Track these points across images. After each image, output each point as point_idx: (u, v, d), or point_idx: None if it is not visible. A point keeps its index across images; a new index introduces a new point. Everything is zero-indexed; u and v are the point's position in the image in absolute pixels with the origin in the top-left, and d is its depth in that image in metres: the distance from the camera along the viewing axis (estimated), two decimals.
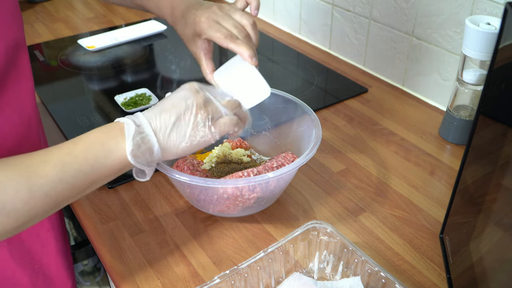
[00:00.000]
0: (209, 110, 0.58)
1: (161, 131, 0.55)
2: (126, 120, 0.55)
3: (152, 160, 0.55)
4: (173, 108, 0.56)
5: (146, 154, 0.54)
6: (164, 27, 1.31)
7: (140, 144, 0.53)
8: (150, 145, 0.54)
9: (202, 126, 0.57)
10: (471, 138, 0.57)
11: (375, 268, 0.57)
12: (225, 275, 0.56)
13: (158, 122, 0.55)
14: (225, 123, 0.59)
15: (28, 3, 1.52)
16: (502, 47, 0.49)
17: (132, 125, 0.54)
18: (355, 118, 0.96)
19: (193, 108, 0.57)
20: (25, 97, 0.63)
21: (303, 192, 0.77)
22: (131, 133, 0.53)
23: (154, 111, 0.56)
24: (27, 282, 0.67)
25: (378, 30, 1.07)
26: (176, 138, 0.56)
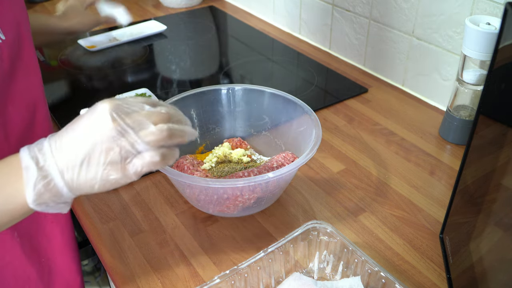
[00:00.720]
0: (124, 147, 0.46)
1: (68, 172, 0.46)
2: (26, 162, 0.46)
3: (64, 201, 0.48)
4: (81, 142, 0.46)
5: (53, 199, 0.47)
6: (164, 27, 1.31)
7: (43, 192, 0.46)
8: (57, 190, 0.46)
9: (115, 169, 0.47)
10: (471, 138, 0.57)
11: (375, 268, 0.57)
12: (225, 275, 0.56)
13: (64, 159, 0.46)
14: (142, 164, 0.47)
15: (28, 3, 1.52)
16: (502, 47, 0.49)
17: (32, 170, 0.45)
18: (355, 118, 0.96)
19: (103, 146, 0.46)
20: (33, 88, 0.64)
21: (303, 192, 0.77)
22: (32, 181, 0.45)
23: (62, 143, 0.47)
24: (35, 276, 0.68)
25: (378, 30, 1.07)
26: (86, 179, 0.47)
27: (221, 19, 1.45)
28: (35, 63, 0.65)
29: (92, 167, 0.46)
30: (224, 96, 0.82)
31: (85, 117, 0.47)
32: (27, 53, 0.62)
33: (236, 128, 0.85)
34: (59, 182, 0.46)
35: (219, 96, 0.82)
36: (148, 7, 1.51)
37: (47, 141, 0.47)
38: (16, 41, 0.59)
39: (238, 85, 0.82)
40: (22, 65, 0.61)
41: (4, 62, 0.57)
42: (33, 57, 0.64)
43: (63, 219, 0.73)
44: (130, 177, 0.48)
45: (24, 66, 0.61)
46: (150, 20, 1.36)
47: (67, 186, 0.46)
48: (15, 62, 0.59)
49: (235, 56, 1.23)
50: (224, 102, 0.83)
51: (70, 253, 0.74)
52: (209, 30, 1.37)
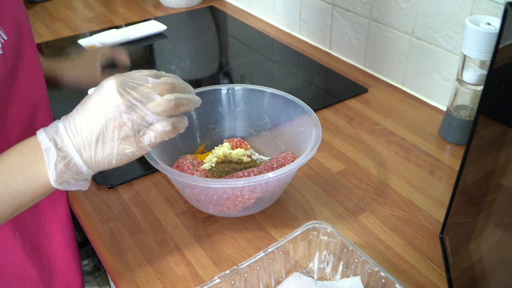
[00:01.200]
0: (135, 120, 0.48)
1: (85, 150, 0.48)
2: (46, 144, 0.48)
3: (84, 178, 0.50)
4: (94, 122, 0.48)
5: (75, 177, 0.49)
6: (164, 27, 1.31)
7: (64, 171, 0.48)
8: (77, 168, 0.48)
9: (130, 142, 0.49)
10: (471, 138, 0.57)
11: (375, 268, 0.57)
12: (225, 275, 0.56)
13: (80, 139, 0.48)
14: (156, 135, 0.50)
15: (28, 3, 1.52)
16: (502, 47, 0.49)
17: (52, 151, 0.47)
18: (355, 118, 0.96)
19: (116, 121, 0.48)
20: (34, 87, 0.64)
21: (303, 192, 0.77)
22: (53, 161, 0.47)
23: (75, 123, 0.48)
24: (36, 276, 0.68)
25: (378, 30, 1.07)
26: (103, 155, 0.49)
27: (221, 19, 1.45)
28: (37, 63, 0.65)
29: (108, 144, 0.48)
30: (224, 96, 0.82)
31: (93, 96, 0.49)
32: (28, 53, 0.62)
33: (236, 128, 0.85)
34: (78, 161, 0.48)
35: (219, 96, 0.82)
36: (148, 7, 1.51)
37: (61, 123, 0.49)
38: (17, 41, 0.59)
39: (238, 85, 0.82)
40: (23, 66, 0.61)
41: (7, 63, 0.57)
42: (34, 57, 0.64)
43: (63, 219, 0.73)
44: (145, 148, 0.50)
45: (25, 67, 0.61)
46: (150, 20, 1.36)
47: (86, 164, 0.49)
48: (17, 62, 0.59)
49: (235, 56, 1.23)
50: (224, 102, 0.83)
51: (71, 253, 0.75)
52: (209, 30, 1.37)
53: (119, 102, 0.48)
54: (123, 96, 0.48)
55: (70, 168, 0.48)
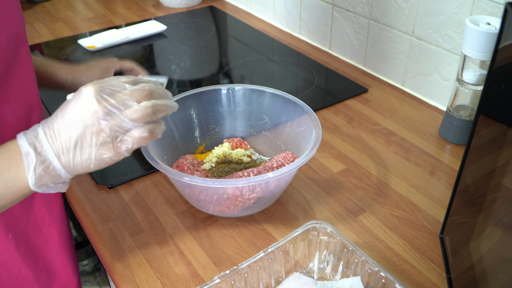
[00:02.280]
0: (112, 128, 0.49)
1: (64, 155, 0.49)
2: (25, 148, 0.49)
3: (62, 181, 0.51)
4: (71, 128, 0.49)
5: (53, 180, 0.50)
6: (164, 27, 1.31)
7: (43, 175, 0.49)
8: (55, 172, 0.50)
9: (108, 148, 0.50)
10: (471, 138, 0.57)
11: (375, 268, 0.57)
12: (225, 275, 0.56)
13: (59, 144, 0.49)
14: (133, 141, 0.51)
15: (28, 3, 1.52)
16: (502, 47, 0.49)
17: (32, 155, 0.48)
18: (355, 118, 0.96)
19: (93, 127, 0.49)
20: (28, 89, 0.64)
21: (303, 192, 0.77)
22: (32, 165, 0.48)
23: (54, 128, 0.49)
24: (32, 278, 0.68)
25: (378, 30, 1.07)
26: (81, 160, 0.50)
27: (221, 19, 1.45)
28: (30, 65, 0.64)
29: (86, 149, 0.49)
30: (224, 96, 0.82)
31: (72, 102, 0.50)
32: (23, 55, 0.62)
33: (236, 128, 0.85)
34: (57, 165, 0.49)
35: (219, 96, 0.82)
36: (148, 7, 1.51)
37: (41, 128, 0.50)
38: (11, 43, 0.58)
39: (238, 85, 0.82)
40: (18, 67, 0.61)
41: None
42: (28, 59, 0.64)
43: (60, 220, 0.73)
44: (122, 154, 0.51)
45: (19, 68, 0.61)
46: (150, 20, 1.36)
47: (64, 168, 0.50)
48: (11, 64, 0.59)
49: (235, 56, 1.23)
50: (224, 102, 0.83)
51: (67, 255, 0.74)
52: (209, 30, 1.37)
53: (97, 109, 0.49)
54: (100, 103, 0.49)
55: (49, 172, 0.49)
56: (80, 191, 0.77)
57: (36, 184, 0.49)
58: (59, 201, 0.73)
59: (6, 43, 0.57)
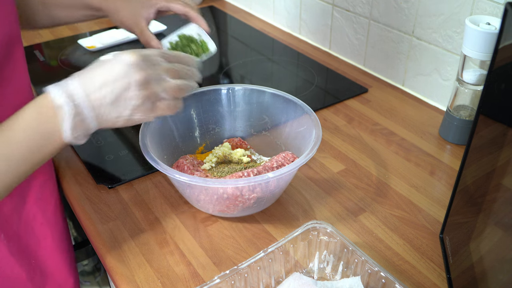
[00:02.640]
0: (149, 93, 0.56)
1: (100, 109, 0.54)
2: (62, 100, 0.52)
3: (89, 133, 0.56)
4: (113, 84, 0.54)
5: (84, 131, 0.54)
6: (164, 27, 1.31)
7: (77, 126, 0.53)
8: (88, 124, 0.54)
9: (140, 109, 0.56)
10: (471, 138, 0.57)
11: (375, 268, 0.57)
12: (225, 275, 0.56)
13: (97, 97, 0.53)
14: (163, 109, 0.59)
15: None
16: (502, 47, 0.49)
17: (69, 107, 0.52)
18: (355, 118, 0.96)
19: (135, 90, 0.55)
20: (21, 92, 0.63)
21: (303, 192, 0.77)
22: (70, 116, 0.52)
23: (93, 83, 0.54)
24: (25, 278, 0.67)
25: (378, 30, 1.07)
26: (113, 115, 0.55)
27: (221, 19, 1.45)
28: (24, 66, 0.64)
29: (120, 107, 0.55)
30: (224, 96, 0.82)
31: (113, 63, 0.55)
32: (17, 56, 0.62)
33: (236, 128, 0.85)
34: (92, 119, 0.54)
35: (219, 96, 0.82)
36: None
37: (77, 81, 0.53)
38: (3, 44, 0.58)
39: (238, 85, 0.82)
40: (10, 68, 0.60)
41: None
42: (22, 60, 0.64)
43: (53, 220, 0.72)
44: (150, 118, 0.58)
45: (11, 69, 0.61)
46: None
47: (96, 121, 0.54)
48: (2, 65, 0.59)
49: (235, 56, 1.23)
50: (224, 102, 0.83)
51: (62, 255, 0.74)
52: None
53: (139, 75, 0.55)
54: (142, 70, 0.55)
55: (82, 124, 0.53)
56: (80, 191, 0.77)
57: (72, 135, 0.53)
58: (53, 201, 0.73)
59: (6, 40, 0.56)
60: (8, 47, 0.59)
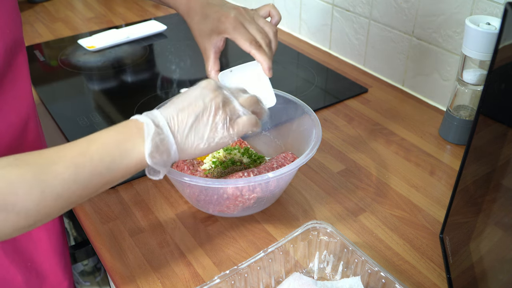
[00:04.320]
0: (228, 110, 0.55)
1: (179, 132, 0.53)
2: (145, 120, 0.52)
3: (169, 160, 0.54)
4: (190, 108, 0.54)
5: (164, 156, 0.52)
6: (164, 27, 1.31)
7: (158, 146, 0.52)
8: (168, 146, 0.52)
9: (221, 128, 0.55)
10: (471, 138, 0.57)
11: (375, 268, 0.57)
12: (225, 275, 0.56)
13: (176, 122, 0.53)
14: (243, 124, 0.57)
15: (28, 3, 1.52)
16: (502, 47, 0.49)
17: (152, 125, 0.52)
18: (355, 118, 0.96)
19: (212, 109, 0.54)
20: (22, 97, 0.63)
21: (303, 192, 0.77)
22: (151, 134, 0.51)
23: (171, 110, 0.54)
24: (21, 280, 0.67)
25: (378, 30, 1.07)
26: (194, 139, 0.54)
27: None
28: (26, 72, 0.64)
29: (200, 129, 0.54)
30: None
31: (190, 91, 0.56)
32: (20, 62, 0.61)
33: None
34: (171, 140, 0.53)
35: None
36: (148, 7, 1.51)
37: (157, 110, 0.54)
38: (8, 51, 0.58)
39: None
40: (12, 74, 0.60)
41: None
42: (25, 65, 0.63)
43: (49, 223, 0.72)
44: (232, 136, 0.56)
45: (14, 76, 0.60)
46: (150, 20, 1.36)
47: (176, 145, 0.53)
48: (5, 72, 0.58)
49: (235, 56, 1.23)
50: None
51: (58, 258, 0.73)
52: None
53: (216, 94, 0.55)
54: (218, 90, 0.56)
55: (164, 144, 0.52)
56: None
57: (151, 154, 0.51)
58: None
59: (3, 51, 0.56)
60: (12, 54, 0.59)
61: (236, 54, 1.24)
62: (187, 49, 1.26)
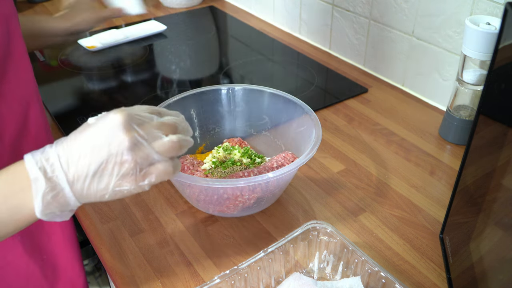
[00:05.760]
0: (138, 158, 0.46)
1: (79, 182, 0.45)
2: (34, 174, 0.45)
3: (69, 209, 0.48)
4: (94, 153, 0.45)
5: (61, 208, 0.47)
6: (164, 27, 1.31)
7: (51, 203, 0.45)
8: (65, 200, 0.46)
9: (128, 180, 0.47)
10: (471, 138, 0.57)
11: (375, 268, 0.57)
12: (225, 275, 0.56)
13: (75, 170, 0.45)
14: (158, 174, 0.48)
15: (28, 3, 1.52)
16: (502, 47, 0.49)
17: (41, 181, 0.44)
18: (355, 118, 0.96)
19: (117, 157, 0.45)
20: (25, 85, 0.64)
21: (303, 192, 0.77)
22: (40, 192, 0.44)
23: (73, 152, 0.46)
24: (39, 274, 0.68)
25: (378, 30, 1.07)
26: (97, 189, 0.46)
27: (221, 19, 1.45)
28: (26, 60, 0.64)
29: (105, 178, 0.46)
30: (224, 96, 0.82)
31: (96, 127, 0.46)
32: (18, 50, 0.62)
33: (236, 128, 0.85)
34: (68, 193, 0.46)
35: (219, 96, 0.82)
36: (148, 7, 1.51)
37: (54, 150, 0.46)
38: (5, 38, 0.58)
39: (238, 85, 0.82)
40: (13, 63, 0.60)
41: None
42: (24, 54, 0.63)
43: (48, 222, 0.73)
44: (143, 187, 0.48)
45: (14, 63, 0.61)
46: (150, 20, 1.36)
47: (75, 196, 0.46)
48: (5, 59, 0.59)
49: (235, 56, 1.23)
50: (224, 102, 0.83)
51: (72, 251, 0.74)
52: (209, 30, 1.37)
53: (124, 138, 0.45)
54: (129, 132, 0.46)
55: (57, 200, 0.46)
56: None
57: (43, 212, 0.45)
58: None
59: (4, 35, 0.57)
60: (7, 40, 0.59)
61: (236, 54, 1.24)
62: (187, 49, 1.26)
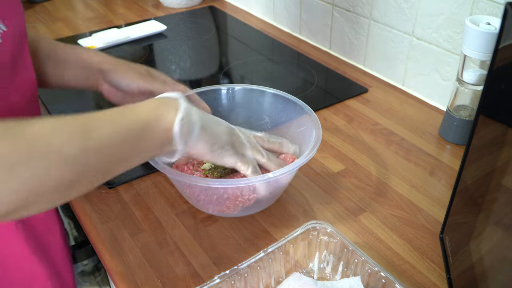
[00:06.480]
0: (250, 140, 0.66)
1: (205, 120, 0.58)
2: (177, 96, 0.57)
3: (188, 141, 0.56)
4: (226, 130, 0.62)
5: (186, 134, 0.55)
6: (164, 27, 1.31)
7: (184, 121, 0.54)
8: (192, 128, 0.56)
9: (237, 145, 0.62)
10: (471, 138, 0.57)
11: (375, 268, 0.57)
12: (225, 275, 0.56)
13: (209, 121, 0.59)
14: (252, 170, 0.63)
15: (28, 3, 1.52)
16: (502, 47, 0.49)
17: (183, 101, 0.56)
18: (355, 118, 0.96)
19: (241, 138, 0.64)
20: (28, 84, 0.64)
21: (303, 192, 0.77)
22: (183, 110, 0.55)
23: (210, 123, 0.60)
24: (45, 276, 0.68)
25: (378, 30, 1.07)
26: (213, 135, 0.59)
27: (221, 19, 1.45)
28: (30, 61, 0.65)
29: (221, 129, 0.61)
30: (224, 96, 0.82)
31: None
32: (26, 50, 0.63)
33: None
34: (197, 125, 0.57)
35: (219, 96, 0.82)
36: (148, 7, 1.51)
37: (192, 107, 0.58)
38: (17, 35, 0.59)
39: (238, 85, 0.82)
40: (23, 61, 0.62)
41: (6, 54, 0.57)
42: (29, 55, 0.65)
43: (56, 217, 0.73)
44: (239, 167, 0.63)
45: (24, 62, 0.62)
46: (150, 20, 1.36)
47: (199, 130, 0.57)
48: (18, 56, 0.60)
49: (235, 56, 1.23)
50: (224, 102, 0.83)
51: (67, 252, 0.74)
52: (209, 30, 1.37)
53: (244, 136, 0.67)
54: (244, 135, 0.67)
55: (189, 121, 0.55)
56: None
57: (180, 126, 0.54)
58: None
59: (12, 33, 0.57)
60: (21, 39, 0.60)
61: (236, 54, 1.24)
62: (187, 49, 1.26)
